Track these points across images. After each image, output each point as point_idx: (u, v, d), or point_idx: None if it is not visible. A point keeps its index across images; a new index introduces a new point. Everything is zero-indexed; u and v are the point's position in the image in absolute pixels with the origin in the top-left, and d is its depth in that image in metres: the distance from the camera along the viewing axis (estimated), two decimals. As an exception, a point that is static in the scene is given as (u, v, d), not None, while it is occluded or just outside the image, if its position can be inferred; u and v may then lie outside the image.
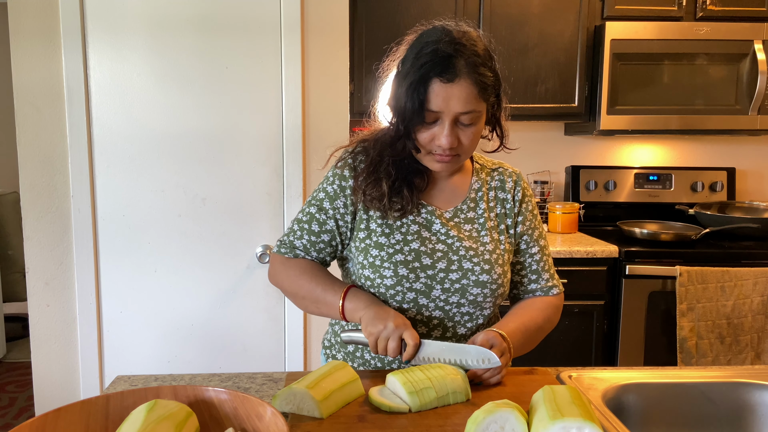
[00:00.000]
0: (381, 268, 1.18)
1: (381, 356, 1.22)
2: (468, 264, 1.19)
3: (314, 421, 0.94)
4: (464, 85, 1.09)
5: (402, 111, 1.12)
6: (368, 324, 1.09)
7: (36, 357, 2.19)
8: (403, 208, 1.19)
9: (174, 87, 2.14)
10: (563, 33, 2.64)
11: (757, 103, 2.58)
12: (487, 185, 1.27)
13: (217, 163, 2.18)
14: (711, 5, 2.63)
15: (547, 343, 1.29)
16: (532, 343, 1.23)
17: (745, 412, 1.11)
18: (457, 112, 1.10)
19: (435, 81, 1.08)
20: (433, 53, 1.09)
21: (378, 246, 1.19)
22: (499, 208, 1.26)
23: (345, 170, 1.23)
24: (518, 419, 0.84)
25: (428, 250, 1.19)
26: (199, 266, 2.21)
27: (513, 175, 1.29)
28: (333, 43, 2.19)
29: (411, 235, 1.20)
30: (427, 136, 1.13)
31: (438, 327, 1.20)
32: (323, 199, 1.24)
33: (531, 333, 1.21)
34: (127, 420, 0.80)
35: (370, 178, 1.19)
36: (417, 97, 1.09)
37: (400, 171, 1.20)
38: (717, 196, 2.96)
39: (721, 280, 2.34)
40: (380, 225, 1.20)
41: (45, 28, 2.06)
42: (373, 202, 1.19)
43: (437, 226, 1.21)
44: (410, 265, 1.18)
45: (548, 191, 2.96)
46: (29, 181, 2.12)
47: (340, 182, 1.22)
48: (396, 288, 1.18)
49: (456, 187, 1.26)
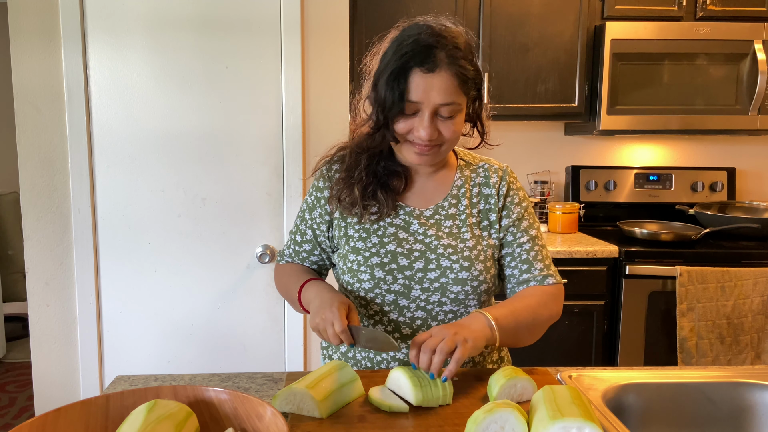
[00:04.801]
0: (358, 273, 1.18)
1: (371, 357, 1.24)
2: (446, 262, 1.18)
3: (314, 421, 0.94)
4: (444, 77, 1.08)
5: (382, 101, 1.11)
6: (312, 316, 1.13)
7: (36, 357, 2.19)
8: (379, 210, 1.20)
9: (174, 87, 2.14)
10: (563, 33, 2.64)
11: (757, 103, 2.58)
12: (470, 181, 1.26)
13: (217, 163, 2.18)
14: (711, 5, 2.63)
15: (547, 343, 1.29)
16: (529, 331, 1.18)
17: (745, 412, 1.11)
18: (437, 103, 1.09)
19: (415, 71, 1.08)
20: (413, 44, 1.09)
21: (355, 251, 1.20)
22: (482, 204, 1.24)
23: (320, 181, 1.27)
24: (518, 419, 0.84)
25: (405, 251, 1.19)
26: (199, 266, 2.21)
27: (498, 170, 1.27)
28: (333, 43, 2.19)
29: (387, 237, 1.20)
30: (406, 127, 1.12)
31: (422, 327, 1.20)
32: (305, 210, 1.29)
33: (523, 318, 1.15)
34: (127, 420, 0.80)
35: (344, 185, 1.20)
36: (397, 87, 1.09)
37: (375, 175, 1.20)
38: (717, 196, 2.96)
39: (721, 280, 2.34)
40: (357, 230, 1.21)
41: (45, 28, 2.06)
42: (348, 208, 1.21)
43: (415, 226, 1.21)
44: (386, 267, 1.17)
45: (548, 191, 2.96)
46: (29, 181, 2.12)
47: (316, 193, 1.27)
48: (374, 291, 1.18)
49: (438, 184, 1.25)
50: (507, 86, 2.64)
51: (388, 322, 1.20)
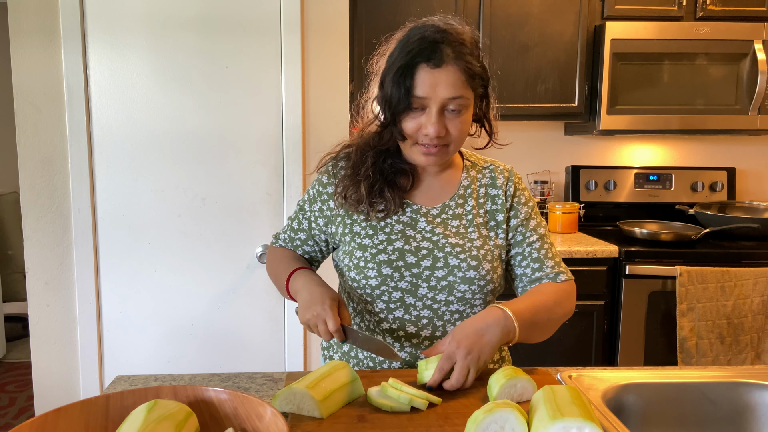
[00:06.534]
0: (365, 269, 1.18)
1: (373, 356, 1.23)
2: (454, 261, 1.18)
3: (314, 421, 0.94)
4: (451, 71, 1.09)
5: (389, 98, 1.11)
6: (301, 310, 1.14)
7: (36, 357, 2.19)
8: (386, 208, 1.20)
9: (174, 87, 2.14)
10: (563, 33, 2.64)
11: (757, 103, 2.58)
12: (477, 182, 1.26)
13: (217, 163, 2.18)
14: (711, 5, 2.63)
15: (547, 343, 1.29)
16: (544, 327, 1.18)
17: (745, 412, 1.11)
18: (445, 98, 1.09)
19: (422, 66, 1.09)
20: (420, 40, 1.10)
21: (362, 247, 1.19)
22: (489, 204, 1.24)
23: (324, 176, 1.27)
24: (518, 419, 0.84)
25: (413, 249, 1.18)
26: (199, 266, 2.21)
27: (505, 171, 1.27)
28: (333, 43, 2.19)
29: (395, 234, 1.19)
30: (414, 125, 1.12)
31: (427, 326, 1.19)
32: (306, 200, 1.30)
33: (541, 314, 1.15)
34: (127, 420, 0.80)
35: (350, 182, 1.20)
36: (404, 83, 1.09)
37: (382, 172, 1.20)
38: (717, 196, 2.96)
39: (721, 280, 2.34)
40: (364, 228, 1.21)
41: (45, 28, 2.06)
42: (354, 206, 1.20)
43: (422, 224, 1.21)
44: (394, 264, 1.17)
45: (548, 191, 2.96)
46: (29, 181, 2.12)
47: (318, 187, 1.27)
48: (381, 288, 1.18)
49: (445, 183, 1.25)
50: (507, 86, 2.65)
51: (393, 320, 1.20)
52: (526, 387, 1.01)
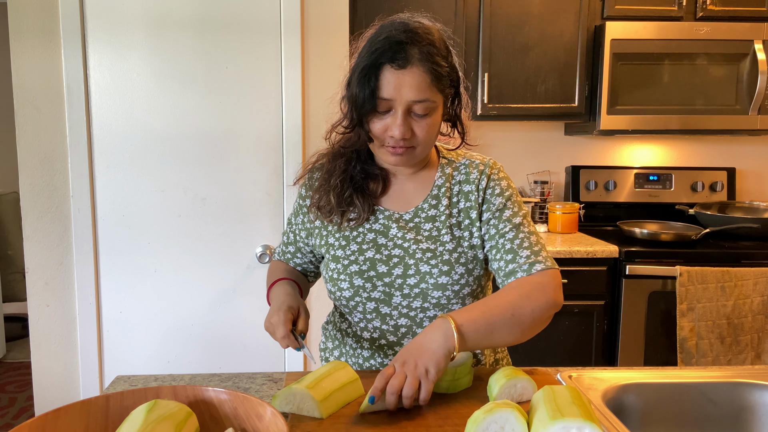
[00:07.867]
0: (338, 281, 1.18)
1: (373, 356, 1.22)
2: (425, 267, 1.14)
3: (314, 421, 0.94)
4: (416, 73, 1.05)
5: (354, 99, 1.09)
6: (265, 319, 1.16)
7: (36, 357, 2.19)
8: (358, 216, 1.18)
9: (174, 87, 2.14)
10: (563, 33, 2.64)
11: (757, 103, 2.58)
12: (451, 180, 1.21)
13: (217, 163, 2.18)
14: (711, 5, 2.63)
15: (547, 343, 1.28)
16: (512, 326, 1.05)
17: (745, 412, 1.11)
18: (410, 100, 1.06)
19: (386, 67, 1.05)
20: (385, 40, 1.07)
21: (335, 259, 1.19)
22: (463, 202, 1.19)
23: (303, 188, 1.28)
24: (518, 419, 0.84)
25: (384, 257, 1.16)
26: (199, 266, 2.21)
27: (480, 165, 1.20)
28: (333, 43, 2.19)
29: (366, 243, 1.18)
30: (381, 126, 1.09)
31: (407, 335, 1.18)
32: (292, 214, 1.32)
33: (498, 316, 1.04)
34: (127, 420, 0.80)
35: (323, 192, 1.20)
36: (368, 84, 1.06)
37: (352, 179, 1.19)
38: (717, 196, 2.96)
39: (721, 280, 2.34)
40: (338, 239, 1.20)
41: (45, 28, 2.06)
42: (327, 216, 1.20)
43: (394, 230, 1.18)
44: (365, 275, 1.16)
45: (548, 191, 2.96)
46: (29, 181, 2.12)
47: (299, 200, 1.29)
48: (355, 299, 1.17)
49: (419, 185, 1.22)
50: (507, 86, 2.65)
51: (373, 330, 1.19)
52: (526, 387, 1.01)
